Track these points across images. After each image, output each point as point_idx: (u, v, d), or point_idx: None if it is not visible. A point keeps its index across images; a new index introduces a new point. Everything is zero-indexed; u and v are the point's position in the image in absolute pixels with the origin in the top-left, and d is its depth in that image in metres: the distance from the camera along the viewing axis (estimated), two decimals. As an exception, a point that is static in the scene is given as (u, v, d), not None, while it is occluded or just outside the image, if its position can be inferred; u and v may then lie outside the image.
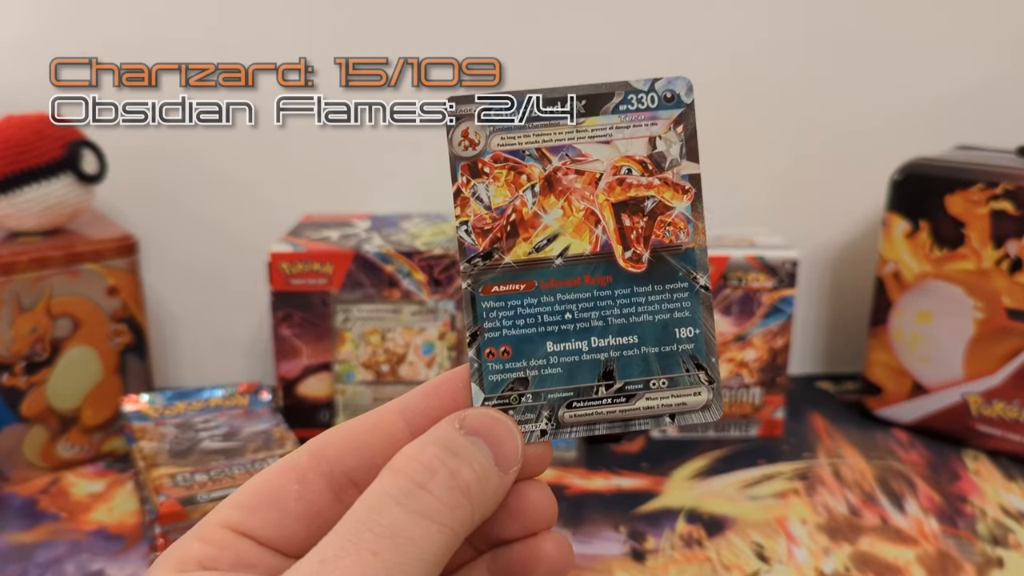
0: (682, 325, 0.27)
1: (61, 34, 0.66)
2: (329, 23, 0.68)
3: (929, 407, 0.65)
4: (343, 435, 0.26)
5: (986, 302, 0.61)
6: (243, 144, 0.70)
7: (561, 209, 0.27)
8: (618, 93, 0.27)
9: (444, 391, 0.27)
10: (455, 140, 0.27)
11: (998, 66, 0.72)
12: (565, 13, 0.68)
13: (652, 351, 0.27)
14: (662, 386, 0.27)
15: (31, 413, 0.58)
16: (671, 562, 0.51)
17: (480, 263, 0.27)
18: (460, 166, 0.27)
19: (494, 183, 0.27)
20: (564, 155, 0.27)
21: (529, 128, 0.27)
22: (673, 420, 0.27)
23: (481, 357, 0.27)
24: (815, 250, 0.75)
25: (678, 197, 0.27)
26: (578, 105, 0.27)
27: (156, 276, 0.72)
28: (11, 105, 0.62)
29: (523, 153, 0.27)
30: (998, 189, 0.59)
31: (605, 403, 0.27)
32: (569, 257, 0.27)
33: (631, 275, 0.27)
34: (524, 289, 0.27)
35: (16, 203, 0.58)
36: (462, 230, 0.27)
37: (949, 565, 0.51)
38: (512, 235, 0.27)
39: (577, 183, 0.27)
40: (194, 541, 0.24)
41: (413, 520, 0.22)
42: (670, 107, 0.28)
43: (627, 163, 0.27)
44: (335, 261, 0.60)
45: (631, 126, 0.27)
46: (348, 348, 0.61)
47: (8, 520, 0.55)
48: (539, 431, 0.27)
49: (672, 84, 0.28)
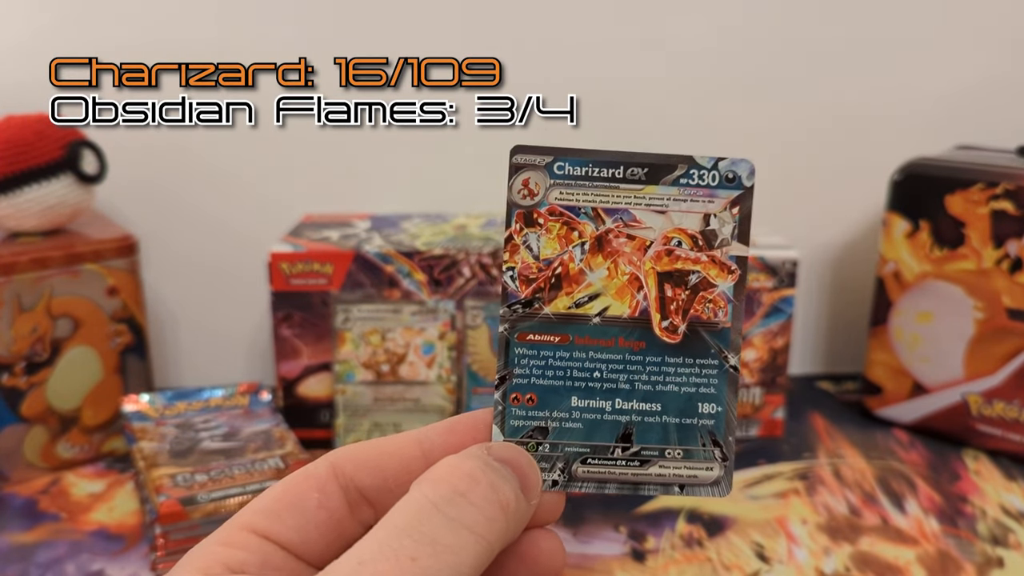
0: (706, 400, 0.28)
1: (61, 34, 0.66)
2: (329, 23, 0.68)
3: (929, 407, 0.65)
4: (360, 454, 0.26)
5: (986, 302, 0.61)
6: (243, 144, 0.70)
7: (607, 270, 0.28)
8: (681, 167, 0.28)
9: (463, 429, 0.27)
10: (515, 188, 0.28)
11: (998, 66, 0.72)
12: (565, 13, 0.68)
13: (673, 421, 0.28)
14: (677, 456, 0.28)
15: (31, 413, 0.58)
16: (671, 562, 0.51)
17: (520, 310, 0.28)
18: (516, 214, 0.28)
19: (546, 235, 0.28)
20: (619, 218, 0.28)
21: (589, 187, 0.28)
22: (682, 491, 0.28)
23: (506, 401, 0.28)
24: (815, 250, 0.75)
25: (723, 276, 0.28)
26: (640, 172, 0.28)
27: (156, 276, 0.72)
28: (11, 105, 0.62)
29: (579, 210, 0.28)
30: (998, 189, 0.59)
31: (619, 464, 0.28)
32: (607, 318, 0.28)
33: (664, 344, 0.28)
34: (558, 342, 0.28)
35: (16, 203, 0.58)
36: (508, 275, 0.28)
37: (949, 565, 0.51)
38: (555, 288, 0.28)
39: (627, 247, 0.28)
40: (217, 545, 0.24)
41: (453, 528, 0.22)
42: (729, 187, 0.28)
43: (679, 235, 0.28)
44: (335, 261, 0.60)
45: (688, 200, 0.28)
46: (348, 348, 0.61)
47: (8, 520, 0.55)
48: (551, 480, 0.27)
49: (735, 166, 0.28)
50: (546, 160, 0.28)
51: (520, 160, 0.28)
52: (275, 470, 0.51)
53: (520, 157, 0.28)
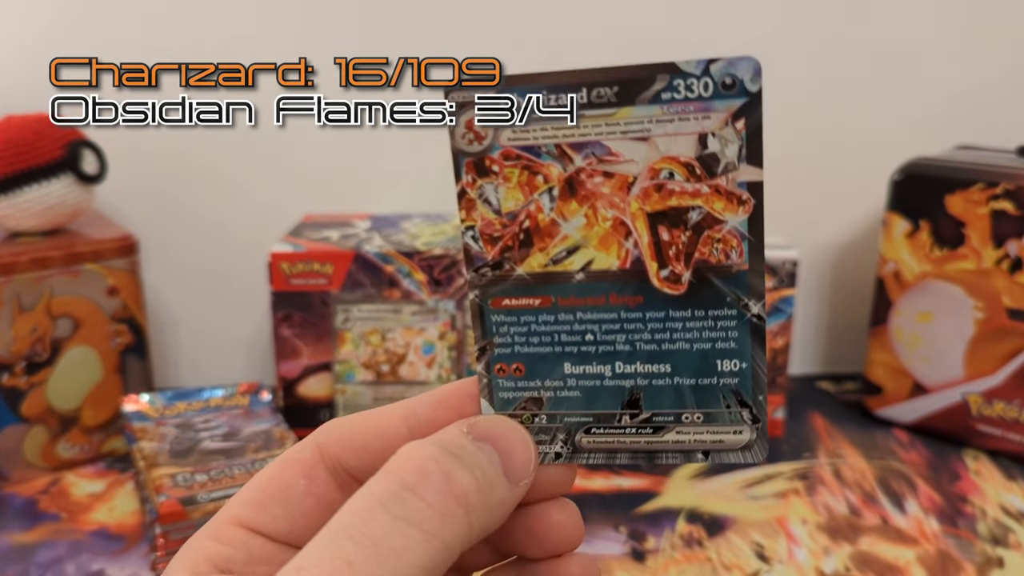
0: (726, 357, 0.24)
1: (61, 34, 0.66)
2: (329, 23, 0.68)
3: (929, 407, 0.65)
4: (346, 432, 0.25)
5: (986, 302, 0.61)
6: (243, 144, 0.70)
7: (584, 217, 0.24)
8: (660, 78, 0.22)
9: (452, 403, 0.25)
10: (458, 132, 0.23)
11: (998, 66, 0.72)
12: (565, 12, 0.68)
13: (687, 383, 0.24)
14: (696, 421, 0.25)
15: (31, 413, 0.58)
16: (671, 562, 0.51)
17: (489, 273, 0.24)
18: (464, 163, 0.24)
19: (504, 184, 0.24)
20: (590, 153, 0.23)
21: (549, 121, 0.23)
22: (707, 457, 0.25)
23: (491, 373, 0.25)
24: (815, 250, 0.75)
25: (732, 209, 0.23)
26: (609, 93, 0.22)
27: (156, 276, 0.72)
28: (11, 105, 0.62)
29: (539, 150, 0.23)
30: (998, 189, 0.59)
31: (629, 432, 0.25)
32: (592, 272, 0.24)
33: (667, 297, 0.24)
34: (539, 305, 0.24)
35: (16, 203, 0.58)
36: (468, 236, 0.24)
37: (949, 565, 0.51)
38: (526, 244, 0.24)
39: (605, 187, 0.23)
40: (206, 540, 0.23)
41: (397, 528, 0.20)
42: (729, 96, 0.22)
43: (669, 165, 0.23)
44: (335, 261, 0.60)
45: (676, 119, 0.22)
46: (348, 348, 0.61)
47: (8, 520, 0.55)
48: (553, 453, 0.25)
49: (733, 67, 0.22)
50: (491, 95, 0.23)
51: (459, 98, 0.23)
52: (275, 470, 0.51)
53: (458, 95, 0.23)
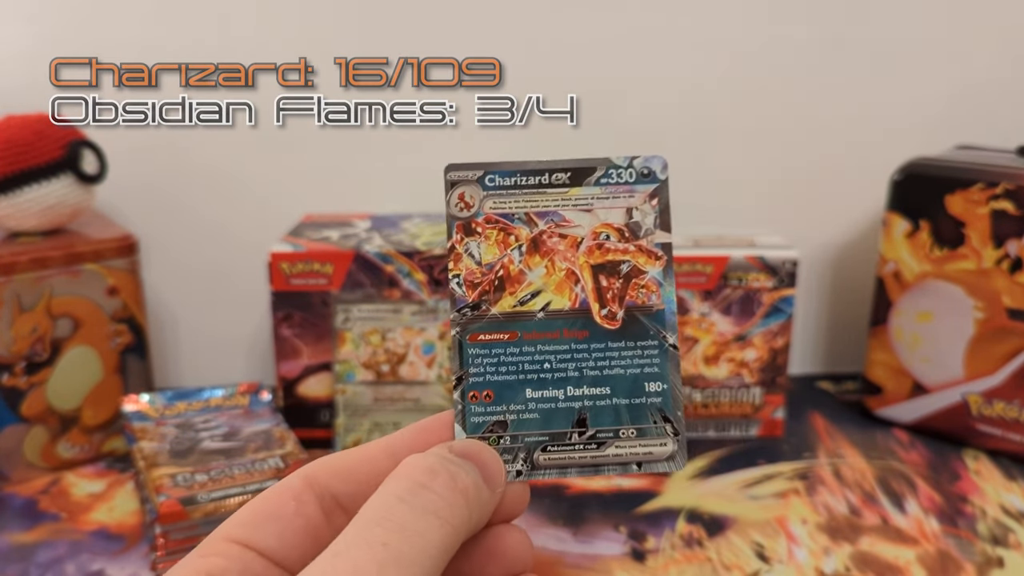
0: (651, 380, 0.30)
1: (61, 34, 0.66)
2: (329, 23, 0.68)
3: (929, 407, 0.65)
4: (332, 463, 0.28)
5: (986, 302, 0.61)
6: (243, 144, 0.70)
7: (545, 268, 0.30)
8: (600, 167, 0.30)
9: (430, 430, 0.29)
10: (452, 202, 0.30)
11: (998, 66, 0.72)
12: (565, 12, 0.68)
13: (623, 402, 0.29)
14: (631, 435, 0.29)
15: (31, 413, 0.58)
16: (671, 562, 0.51)
17: (469, 313, 0.30)
18: (456, 225, 0.30)
19: (485, 241, 0.30)
20: (550, 220, 0.30)
21: (519, 194, 0.30)
22: (640, 468, 0.29)
23: (465, 400, 0.29)
24: (815, 250, 0.75)
25: (651, 263, 0.30)
26: (564, 177, 0.30)
27: (156, 276, 0.72)
28: (11, 105, 0.62)
29: (512, 216, 0.30)
30: (998, 189, 0.59)
31: (577, 449, 0.29)
32: (550, 312, 0.30)
33: (606, 331, 0.30)
34: (508, 339, 0.30)
35: (16, 203, 0.58)
36: (454, 282, 0.30)
37: (949, 565, 0.51)
38: (499, 289, 0.30)
39: (560, 245, 0.30)
40: (200, 556, 0.25)
41: (419, 515, 0.24)
42: (646, 182, 0.30)
43: (606, 230, 0.30)
44: (335, 261, 0.60)
45: (611, 197, 0.30)
46: (348, 348, 0.61)
47: (8, 520, 0.55)
48: (515, 471, 0.29)
49: (649, 162, 0.30)
50: (478, 174, 0.30)
51: (454, 176, 0.30)
52: (275, 470, 0.51)
53: (454, 174, 0.30)
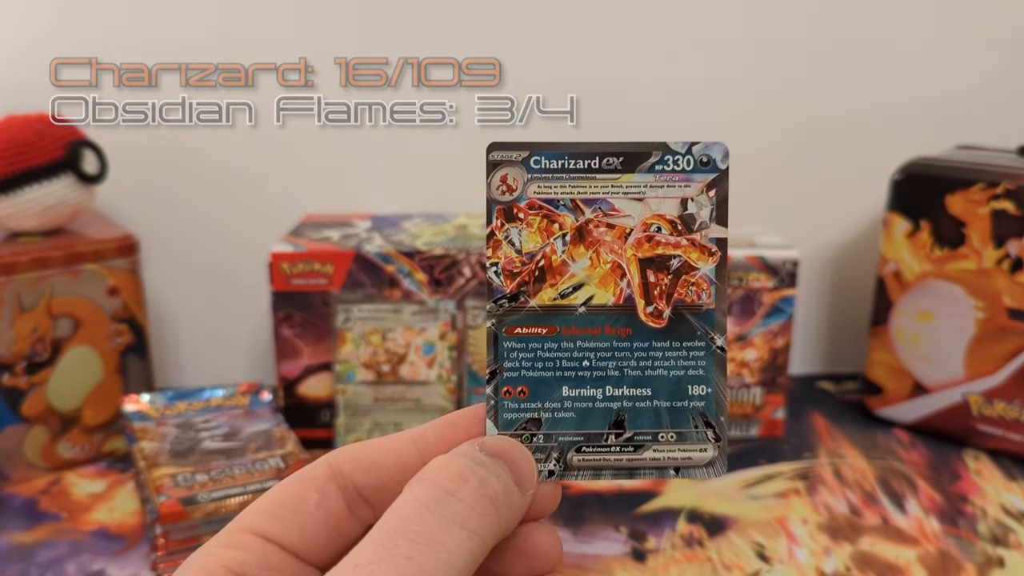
0: (695, 383, 0.28)
1: (62, 34, 0.66)
2: (329, 23, 0.68)
3: (930, 407, 0.65)
4: (358, 454, 0.27)
5: (987, 302, 0.61)
6: (243, 144, 0.70)
7: (589, 260, 0.28)
8: (655, 153, 0.28)
9: (459, 425, 0.27)
10: (493, 184, 0.28)
11: (999, 66, 0.72)
12: (565, 12, 0.68)
13: (664, 405, 0.28)
14: (670, 439, 0.28)
15: (32, 413, 0.58)
16: (672, 562, 0.51)
17: (506, 304, 0.28)
18: (496, 210, 0.28)
19: (527, 229, 0.28)
20: (597, 208, 0.28)
21: (566, 179, 0.28)
22: (678, 473, 0.28)
23: (498, 395, 0.28)
24: (816, 250, 0.75)
25: (704, 259, 0.28)
26: (615, 162, 0.28)
27: (157, 276, 0.72)
28: (12, 105, 0.62)
29: (558, 203, 0.28)
30: (999, 189, 0.59)
31: (613, 451, 0.28)
32: (592, 307, 0.28)
33: (650, 330, 0.28)
34: (546, 333, 0.28)
35: (17, 203, 0.58)
36: (492, 271, 0.28)
37: (950, 565, 0.51)
38: (539, 280, 0.28)
39: (607, 236, 0.28)
40: (218, 547, 0.24)
41: (445, 526, 0.23)
42: (704, 171, 0.28)
43: (657, 221, 0.28)
44: (336, 261, 0.60)
45: (665, 186, 0.28)
46: (349, 348, 0.61)
47: (9, 520, 0.55)
48: (547, 471, 0.28)
49: (709, 149, 0.28)
50: (523, 155, 0.28)
51: (497, 157, 0.28)
52: (275, 470, 0.51)
53: (497, 154, 0.28)
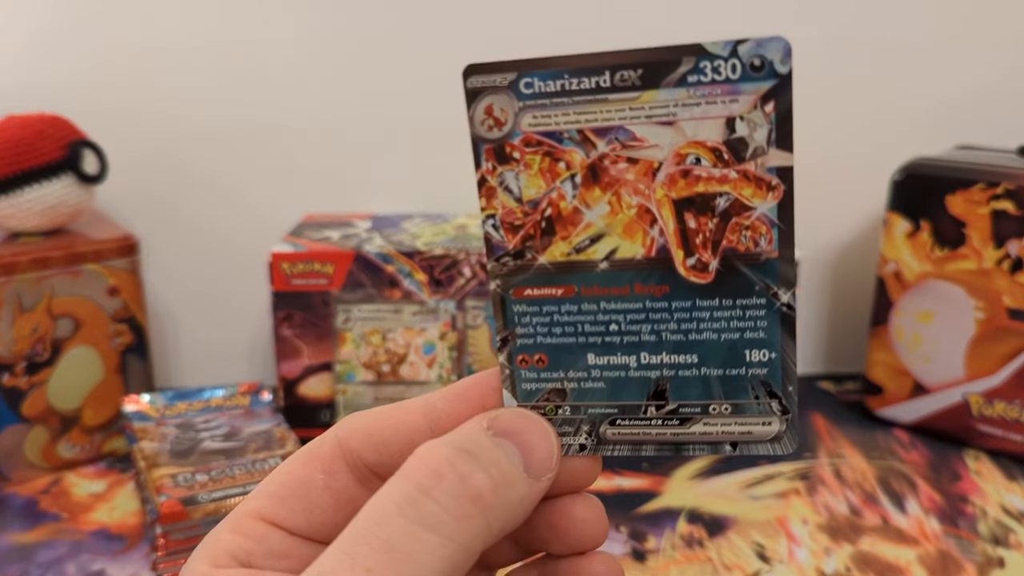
0: (755, 347, 0.23)
1: (61, 34, 0.66)
2: (329, 23, 0.68)
3: (930, 407, 0.65)
4: (366, 427, 0.25)
5: (987, 302, 0.61)
6: (243, 144, 0.70)
7: (608, 204, 0.23)
8: (687, 60, 0.21)
9: (472, 396, 0.25)
10: (477, 118, 0.23)
11: (999, 66, 0.72)
12: (566, 12, 0.68)
13: (715, 373, 0.24)
14: (724, 412, 0.24)
15: (32, 413, 0.58)
16: (672, 562, 0.51)
17: (510, 262, 0.24)
18: (484, 149, 0.23)
19: (525, 171, 0.23)
20: (613, 139, 0.22)
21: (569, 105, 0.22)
22: (735, 449, 0.24)
23: (513, 364, 0.25)
24: (815, 250, 0.75)
25: (761, 195, 0.22)
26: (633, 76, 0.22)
27: (157, 276, 0.72)
28: (11, 105, 0.62)
29: (561, 136, 0.23)
30: (999, 189, 0.59)
31: (655, 424, 0.24)
32: (616, 261, 0.23)
33: (693, 286, 0.23)
34: (562, 295, 0.24)
35: (17, 203, 0.58)
36: (488, 224, 0.24)
37: (950, 565, 0.51)
38: (548, 233, 0.23)
39: (629, 174, 0.22)
40: (226, 533, 0.23)
41: (413, 533, 0.20)
42: (758, 79, 0.21)
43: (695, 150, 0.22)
44: (336, 261, 0.60)
45: (703, 103, 0.22)
46: (349, 348, 0.61)
47: (9, 520, 0.55)
48: (578, 445, 0.25)
49: (762, 48, 0.21)
50: (510, 78, 0.22)
51: (477, 83, 0.22)
52: (276, 470, 0.51)
53: (477, 79, 0.22)
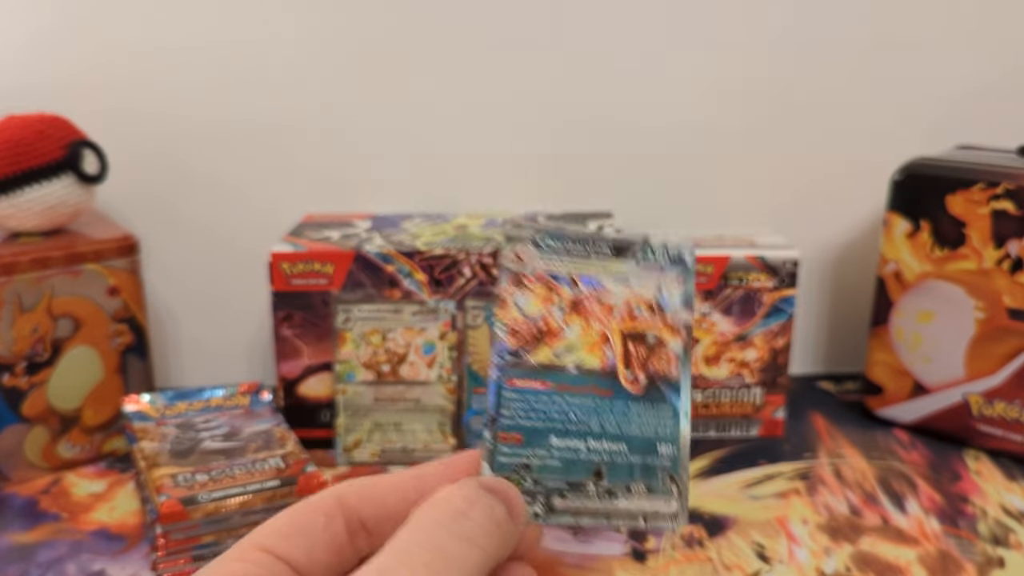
0: (664, 441, 0.32)
1: (61, 34, 0.66)
2: (330, 23, 0.68)
3: (930, 407, 0.65)
4: (363, 487, 0.29)
5: (987, 302, 0.61)
6: (243, 144, 0.70)
7: (581, 328, 0.32)
8: (640, 246, 0.34)
9: (458, 466, 0.31)
10: (507, 255, 0.33)
11: (999, 66, 0.72)
12: (565, 12, 0.68)
13: (637, 461, 0.32)
14: (641, 491, 0.31)
15: (32, 413, 0.58)
16: (672, 562, 0.51)
17: (509, 358, 0.32)
18: (508, 276, 0.33)
19: (532, 295, 0.32)
20: (591, 285, 0.33)
21: (567, 258, 0.33)
22: (646, 523, 0.31)
23: (496, 440, 0.31)
24: (816, 250, 0.75)
25: (674, 337, 0.33)
26: (607, 248, 0.34)
27: (157, 276, 0.72)
28: (12, 105, 0.62)
29: (559, 277, 0.33)
30: (999, 189, 0.59)
31: (592, 498, 0.31)
32: (582, 368, 0.32)
33: (629, 394, 0.32)
34: (541, 387, 0.32)
35: (17, 203, 0.58)
36: (499, 328, 0.32)
37: (950, 565, 0.51)
38: (538, 341, 0.32)
39: (597, 309, 0.33)
40: (232, 562, 0.26)
41: (458, 541, 0.26)
42: (675, 265, 0.34)
43: (638, 302, 0.33)
44: (336, 261, 0.60)
45: (644, 273, 0.34)
46: (349, 348, 0.61)
47: (9, 520, 0.55)
48: (533, 513, 0.30)
49: (680, 248, 0.34)
50: (533, 235, 0.33)
51: (512, 233, 0.33)
52: (275, 470, 0.51)
53: (512, 231, 0.33)
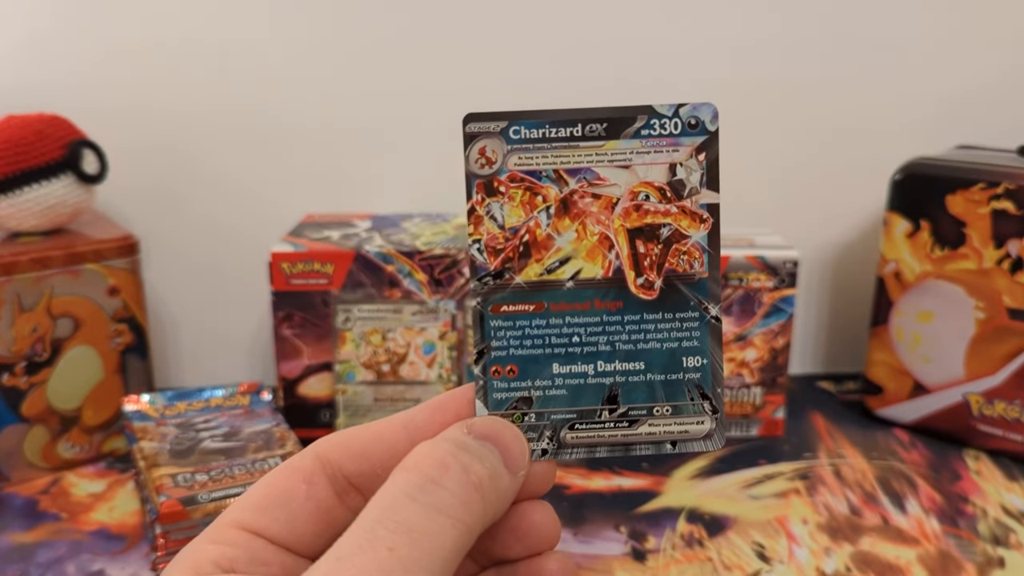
0: (690, 354, 0.28)
1: (61, 34, 0.66)
2: (330, 23, 0.68)
3: (930, 407, 0.65)
4: (346, 441, 0.26)
5: (987, 302, 0.61)
6: (243, 144, 0.70)
7: (575, 232, 0.27)
8: (640, 118, 0.27)
9: (448, 407, 0.27)
10: (471, 158, 0.27)
11: (999, 66, 0.72)
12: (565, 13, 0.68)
13: (658, 378, 0.28)
14: (665, 413, 0.28)
15: (32, 413, 0.58)
16: (672, 562, 0.51)
17: (491, 282, 0.28)
18: (475, 184, 0.27)
19: (509, 203, 0.27)
20: (582, 178, 0.27)
21: (547, 149, 0.27)
22: (674, 447, 0.28)
23: (487, 375, 0.28)
24: (816, 250, 0.75)
25: (695, 226, 0.28)
26: (599, 128, 0.27)
27: (157, 276, 0.72)
28: (12, 105, 0.62)
29: (540, 174, 0.27)
30: (999, 189, 0.59)
31: (608, 427, 0.28)
32: (580, 280, 0.28)
33: (642, 302, 0.28)
34: (533, 310, 0.28)
35: (17, 203, 0.58)
36: (474, 248, 0.27)
37: (950, 565, 0.51)
38: (524, 256, 0.27)
39: (593, 207, 0.27)
40: (207, 543, 0.24)
41: (428, 515, 0.22)
42: (693, 134, 0.28)
43: (645, 189, 0.27)
44: (336, 261, 0.60)
45: (652, 151, 0.27)
46: (349, 348, 0.61)
47: (9, 520, 0.55)
48: (540, 450, 0.27)
49: (697, 111, 0.27)
50: (501, 125, 0.27)
51: (474, 128, 0.27)
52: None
53: (474, 125, 0.27)
